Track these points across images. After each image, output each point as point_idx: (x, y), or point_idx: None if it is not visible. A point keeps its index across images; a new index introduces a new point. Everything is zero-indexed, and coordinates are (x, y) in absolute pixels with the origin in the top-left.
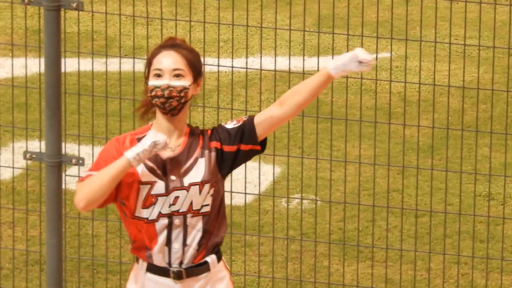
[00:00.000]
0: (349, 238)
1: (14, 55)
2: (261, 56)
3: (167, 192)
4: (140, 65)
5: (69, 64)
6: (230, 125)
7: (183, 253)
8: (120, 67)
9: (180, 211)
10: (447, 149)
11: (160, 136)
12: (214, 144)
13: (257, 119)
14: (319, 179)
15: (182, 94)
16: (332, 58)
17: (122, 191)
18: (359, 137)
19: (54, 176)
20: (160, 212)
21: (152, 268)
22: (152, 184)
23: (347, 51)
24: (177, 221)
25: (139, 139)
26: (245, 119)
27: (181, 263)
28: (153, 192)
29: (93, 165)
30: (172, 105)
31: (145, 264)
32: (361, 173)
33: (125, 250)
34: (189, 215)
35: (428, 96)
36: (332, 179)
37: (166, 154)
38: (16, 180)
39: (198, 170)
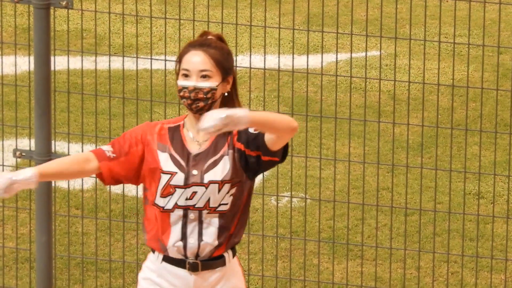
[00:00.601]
0: (338, 237)
1: (3, 53)
2: (250, 54)
3: (186, 185)
4: (129, 63)
5: (59, 62)
6: (251, 129)
7: (199, 247)
8: (109, 65)
9: (196, 206)
10: (437, 147)
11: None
12: (239, 145)
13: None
14: (308, 178)
15: (209, 95)
16: (322, 57)
17: (146, 177)
18: (348, 136)
19: None
20: (176, 203)
21: (168, 259)
22: (172, 174)
23: (337, 49)
24: (192, 215)
25: (169, 129)
26: None
27: (197, 256)
28: (172, 182)
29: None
30: (199, 106)
31: (161, 255)
32: (350, 172)
33: (114, 248)
34: (205, 212)
35: (417, 94)
36: (322, 178)
37: (193, 148)
38: None
39: (222, 168)
